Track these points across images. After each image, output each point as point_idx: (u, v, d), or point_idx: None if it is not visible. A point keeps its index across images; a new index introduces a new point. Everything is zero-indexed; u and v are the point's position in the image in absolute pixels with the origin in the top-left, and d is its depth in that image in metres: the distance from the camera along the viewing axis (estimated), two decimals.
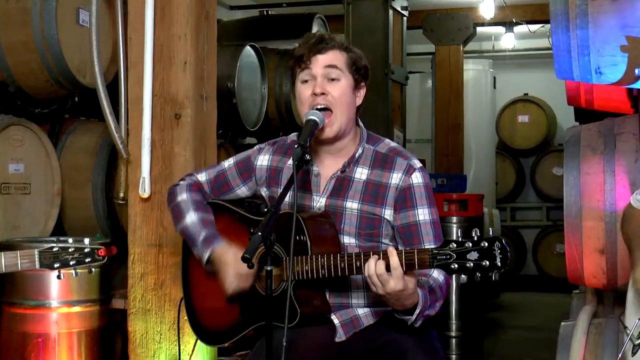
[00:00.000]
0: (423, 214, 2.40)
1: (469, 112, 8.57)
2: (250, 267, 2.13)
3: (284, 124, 5.61)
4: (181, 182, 2.68)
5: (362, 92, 2.48)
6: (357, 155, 2.46)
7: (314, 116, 2.35)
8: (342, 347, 2.41)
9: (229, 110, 4.91)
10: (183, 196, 2.61)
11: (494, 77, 9.28)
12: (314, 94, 2.38)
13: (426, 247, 2.35)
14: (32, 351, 3.23)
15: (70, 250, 2.56)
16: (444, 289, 2.32)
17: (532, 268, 9.80)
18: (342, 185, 2.45)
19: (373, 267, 2.14)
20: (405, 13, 6.31)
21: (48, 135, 3.94)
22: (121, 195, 3.51)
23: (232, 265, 2.40)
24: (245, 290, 2.41)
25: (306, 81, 2.41)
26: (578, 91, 3.09)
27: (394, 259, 2.12)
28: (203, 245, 2.50)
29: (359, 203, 2.42)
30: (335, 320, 2.42)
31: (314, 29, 5.97)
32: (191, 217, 2.56)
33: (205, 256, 2.49)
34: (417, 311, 2.22)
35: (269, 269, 2.12)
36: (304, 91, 2.41)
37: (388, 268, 2.13)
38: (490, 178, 9.06)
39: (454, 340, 5.65)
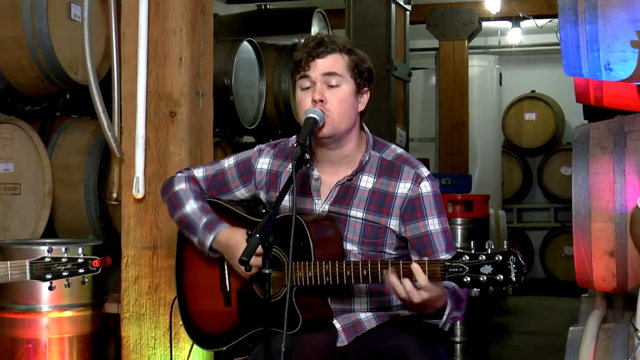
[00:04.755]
0: (433, 224, 2.41)
1: (474, 109, 8.56)
2: (247, 270, 2.13)
3: (282, 122, 5.61)
4: (178, 174, 2.67)
5: (366, 98, 2.46)
6: (363, 162, 2.46)
7: (314, 114, 2.34)
8: (344, 352, 2.41)
9: (226, 108, 4.90)
10: (182, 186, 2.60)
11: (500, 74, 9.27)
12: (313, 101, 2.36)
13: (440, 257, 2.36)
14: (22, 357, 3.22)
15: (62, 260, 2.54)
16: (465, 291, 2.32)
17: (539, 271, 9.79)
18: (346, 193, 2.45)
19: (402, 289, 2.14)
20: (408, 7, 6.30)
21: (39, 134, 3.94)
22: (114, 195, 3.50)
23: (243, 245, 2.37)
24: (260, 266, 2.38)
25: (306, 88, 2.39)
26: (587, 88, 3.09)
27: (422, 277, 2.12)
28: (205, 231, 2.48)
29: (363, 212, 2.42)
30: (337, 324, 2.42)
31: (314, 24, 5.97)
32: (191, 205, 2.54)
33: (208, 242, 2.47)
34: (447, 311, 2.23)
35: (267, 272, 2.12)
36: (304, 99, 2.40)
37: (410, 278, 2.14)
38: (496, 178, 9.05)
39: (459, 345, 5.65)
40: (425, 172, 2.46)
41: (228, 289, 2.52)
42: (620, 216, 2.62)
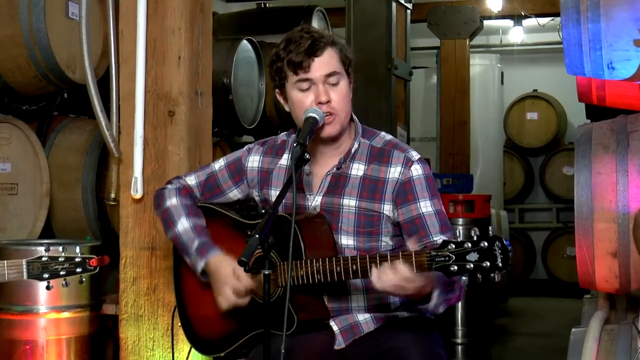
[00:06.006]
0: (425, 206, 2.41)
1: (476, 109, 8.56)
2: (247, 270, 2.13)
3: (282, 122, 5.61)
4: (169, 186, 2.68)
5: (352, 84, 2.50)
6: (353, 150, 2.47)
7: (314, 113, 2.35)
8: (342, 354, 2.41)
9: (225, 107, 4.90)
10: (173, 201, 2.61)
11: (502, 73, 9.27)
12: (320, 103, 2.38)
13: (434, 238, 2.38)
14: (20, 358, 3.22)
15: (60, 259, 2.54)
16: None
17: (541, 272, 9.79)
18: (338, 182, 2.46)
19: (385, 279, 2.14)
20: (409, 6, 6.30)
21: (36, 133, 3.93)
22: (112, 195, 3.50)
23: (228, 280, 2.40)
24: (242, 305, 2.41)
25: (305, 89, 2.40)
26: (589, 87, 3.08)
27: (404, 269, 2.13)
28: (197, 255, 2.50)
29: (356, 200, 2.43)
30: (335, 326, 2.42)
31: (314, 23, 5.96)
32: (183, 224, 2.55)
33: (200, 267, 2.49)
34: (435, 295, 2.23)
35: (266, 272, 2.13)
36: (303, 99, 2.41)
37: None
38: (498, 178, 9.05)
39: (459, 347, 5.65)
40: (415, 155, 2.47)
41: None
42: (623, 216, 2.62)
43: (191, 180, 2.68)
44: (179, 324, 2.70)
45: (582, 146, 2.78)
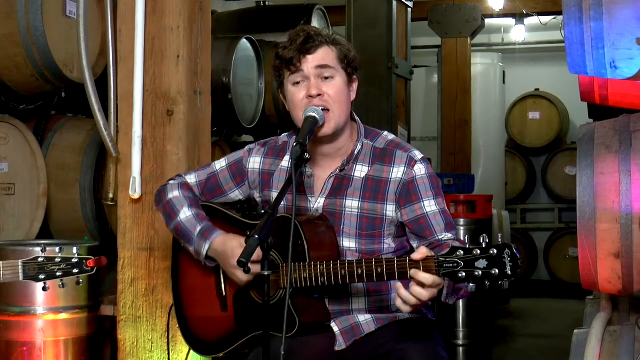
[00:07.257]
0: (430, 205, 2.41)
1: (477, 108, 8.56)
2: (246, 272, 2.13)
3: (282, 121, 5.61)
4: (171, 182, 2.68)
5: (355, 86, 2.49)
6: (356, 152, 2.46)
7: (314, 112, 2.35)
8: (343, 355, 2.41)
9: (224, 107, 4.90)
10: (175, 193, 2.61)
11: (504, 72, 9.26)
12: (310, 96, 2.37)
13: (440, 237, 2.38)
14: None
15: (56, 260, 2.53)
16: None
17: (543, 273, 9.79)
18: (341, 184, 2.45)
19: (414, 299, 2.11)
20: (410, 4, 6.30)
21: (33, 133, 3.94)
22: (110, 196, 3.51)
23: (237, 253, 2.34)
24: (258, 273, 2.35)
25: (298, 83, 2.40)
26: (592, 86, 3.08)
27: (426, 276, 2.10)
28: (200, 239, 2.48)
29: (359, 201, 2.43)
30: (335, 327, 2.42)
31: (314, 21, 5.97)
32: (185, 213, 2.55)
33: (204, 250, 2.47)
34: (446, 284, 2.20)
35: (266, 274, 2.12)
36: (297, 94, 2.40)
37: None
38: (500, 178, 9.05)
39: (461, 349, 5.64)
40: (418, 155, 2.47)
41: (224, 294, 2.52)
42: (626, 217, 2.61)
43: (191, 179, 2.67)
44: (177, 325, 2.70)
45: (585, 146, 2.77)
